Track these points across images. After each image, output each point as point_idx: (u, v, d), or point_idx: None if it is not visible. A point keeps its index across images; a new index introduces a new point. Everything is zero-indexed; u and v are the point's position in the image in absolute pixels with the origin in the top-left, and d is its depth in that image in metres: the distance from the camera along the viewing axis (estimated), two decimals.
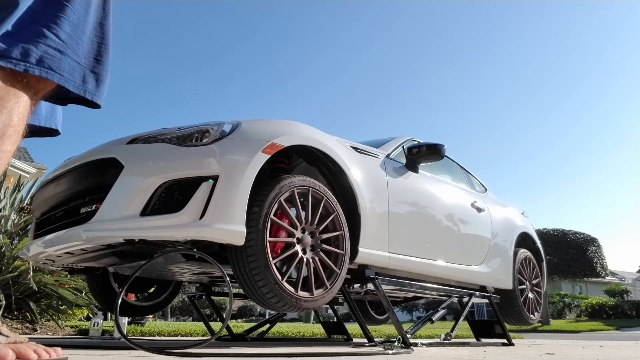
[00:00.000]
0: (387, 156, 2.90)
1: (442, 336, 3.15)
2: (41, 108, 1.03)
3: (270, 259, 1.94)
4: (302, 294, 2.06)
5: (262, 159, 2.00)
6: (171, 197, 1.88)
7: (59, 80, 0.84)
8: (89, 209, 1.94)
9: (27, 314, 4.16)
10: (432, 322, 3.07)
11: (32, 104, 0.86)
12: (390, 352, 2.15)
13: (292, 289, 2.01)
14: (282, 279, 1.98)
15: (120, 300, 2.78)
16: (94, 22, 0.91)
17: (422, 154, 3.00)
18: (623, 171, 75.08)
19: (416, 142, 3.28)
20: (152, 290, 3.20)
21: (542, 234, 20.23)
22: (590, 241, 22.21)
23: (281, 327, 6.51)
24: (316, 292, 2.12)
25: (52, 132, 1.08)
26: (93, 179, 2.01)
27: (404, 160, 3.03)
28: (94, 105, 0.92)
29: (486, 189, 4.20)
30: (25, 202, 4.70)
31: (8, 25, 0.77)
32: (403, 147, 3.15)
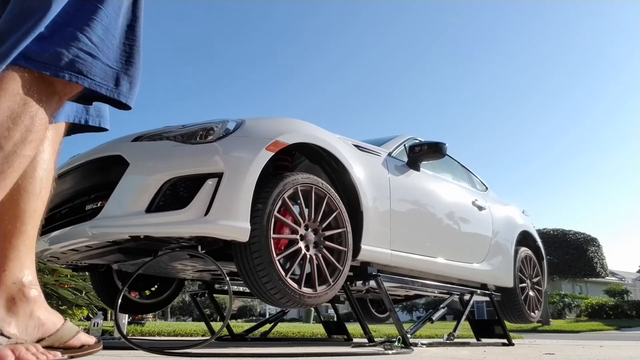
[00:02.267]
0: (389, 154, 2.92)
1: (445, 336, 3.16)
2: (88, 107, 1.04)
3: (274, 255, 1.96)
4: (306, 290, 2.07)
5: (266, 156, 2.01)
6: (176, 194, 1.89)
7: (89, 84, 0.83)
8: (94, 206, 1.95)
9: None
10: (432, 321, 3.08)
11: (56, 108, 0.86)
12: (390, 352, 2.16)
13: (295, 285, 2.03)
14: (286, 276, 1.99)
15: (121, 299, 2.80)
16: (124, 24, 0.91)
17: (423, 153, 3.01)
18: (623, 171, 75.21)
19: (418, 141, 3.30)
20: (155, 287, 3.21)
21: (542, 233, 20.18)
22: (590, 241, 22.23)
23: (281, 327, 6.52)
24: (319, 289, 2.13)
25: (100, 129, 1.11)
26: (98, 176, 2.03)
27: (405, 159, 3.04)
28: (124, 106, 0.92)
29: (487, 188, 4.21)
30: None
31: (41, 28, 0.77)
32: (405, 145, 3.16)
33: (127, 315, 5.02)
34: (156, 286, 3.21)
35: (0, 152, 0.75)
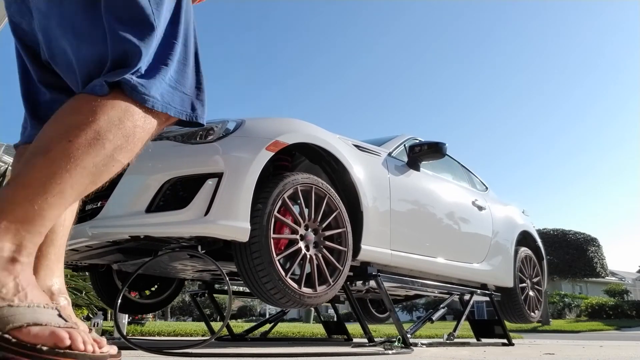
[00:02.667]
0: (389, 154, 2.92)
1: (445, 336, 3.16)
2: None
3: (274, 255, 1.96)
4: (306, 290, 2.07)
5: (266, 156, 2.01)
6: (176, 194, 1.89)
7: (174, 113, 0.93)
8: (94, 206, 1.95)
9: None
10: (432, 321, 3.08)
11: (156, 131, 0.95)
12: (390, 352, 2.16)
13: (295, 285, 2.03)
14: (286, 275, 1.99)
15: (121, 299, 2.80)
16: (192, 53, 1.02)
17: (423, 152, 3.01)
18: (623, 171, 75.22)
19: (418, 141, 3.29)
20: (155, 287, 3.21)
21: (542, 233, 20.14)
22: (590, 241, 22.24)
23: (281, 327, 6.52)
24: (319, 289, 2.13)
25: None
26: None
27: (405, 159, 3.04)
28: (198, 125, 1.02)
29: (487, 188, 4.21)
30: None
31: (143, 65, 0.90)
32: (405, 145, 3.16)
33: (127, 315, 5.01)
34: (156, 286, 3.21)
35: (102, 151, 0.83)
